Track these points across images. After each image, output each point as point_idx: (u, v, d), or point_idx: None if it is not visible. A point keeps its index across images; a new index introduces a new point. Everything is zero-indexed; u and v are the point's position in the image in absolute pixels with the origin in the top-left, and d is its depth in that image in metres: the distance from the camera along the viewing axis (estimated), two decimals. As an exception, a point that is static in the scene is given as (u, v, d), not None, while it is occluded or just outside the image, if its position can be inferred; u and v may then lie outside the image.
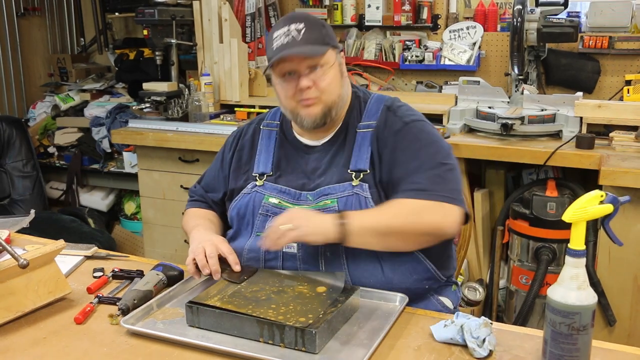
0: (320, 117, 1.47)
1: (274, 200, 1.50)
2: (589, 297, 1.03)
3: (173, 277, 1.44)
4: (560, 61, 3.11)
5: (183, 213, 1.71)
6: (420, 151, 1.44)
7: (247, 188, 1.55)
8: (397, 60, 3.41)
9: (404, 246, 1.40)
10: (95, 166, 3.86)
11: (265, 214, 1.50)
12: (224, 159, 1.66)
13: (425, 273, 1.46)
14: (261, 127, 1.62)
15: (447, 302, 1.54)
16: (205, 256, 1.39)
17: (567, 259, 1.04)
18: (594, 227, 2.43)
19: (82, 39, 4.57)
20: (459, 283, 1.68)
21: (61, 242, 1.39)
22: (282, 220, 1.33)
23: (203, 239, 1.45)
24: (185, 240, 1.98)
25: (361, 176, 1.45)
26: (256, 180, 1.54)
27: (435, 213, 1.37)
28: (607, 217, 1.08)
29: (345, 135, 1.52)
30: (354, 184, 1.45)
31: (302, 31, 1.42)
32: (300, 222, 1.32)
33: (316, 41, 1.42)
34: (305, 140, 1.55)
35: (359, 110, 1.54)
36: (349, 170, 1.47)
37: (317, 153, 1.53)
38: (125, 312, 1.27)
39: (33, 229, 1.85)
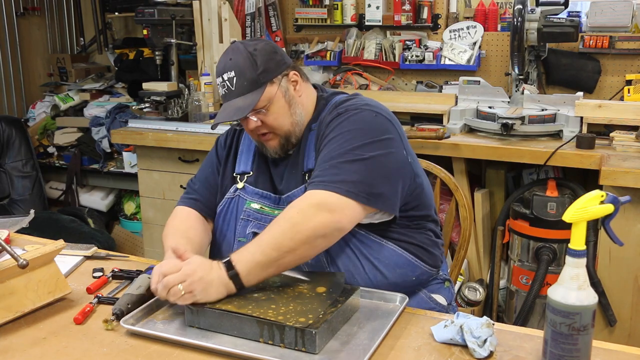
0: (280, 149, 1.49)
1: (255, 206, 1.50)
2: (590, 297, 1.02)
3: None
4: (561, 61, 3.11)
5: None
6: (333, 140, 1.40)
7: (230, 192, 1.55)
8: (397, 60, 3.40)
9: (303, 258, 1.32)
10: (95, 166, 3.86)
11: (246, 219, 1.50)
12: (218, 157, 1.64)
13: (408, 265, 1.46)
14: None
15: (439, 299, 1.54)
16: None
17: (568, 259, 1.04)
18: (594, 227, 2.43)
19: (81, 39, 4.57)
20: (452, 279, 1.67)
21: (61, 242, 1.38)
22: (178, 277, 1.23)
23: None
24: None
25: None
26: (237, 181, 1.54)
27: (314, 215, 1.28)
28: (607, 217, 1.08)
29: (303, 138, 1.51)
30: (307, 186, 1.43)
31: (234, 80, 1.42)
32: (194, 287, 1.23)
33: (250, 86, 1.42)
34: None
35: (319, 112, 1.53)
36: (303, 172, 1.47)
37: (283, 159, 1.53)
38: (119, 316, 1.26)
39: (32, 229, 1.85)
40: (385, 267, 1.43)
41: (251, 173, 1.54)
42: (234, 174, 1.57)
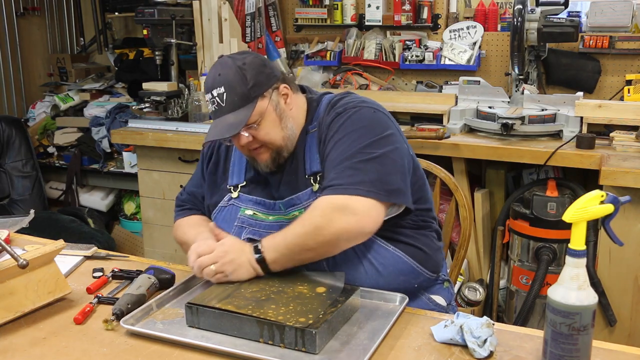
0: (271, 162, 1.47)
1: (249, 212, 1.50)
2: (590, 297, 1.03)
3: (165, 280, 1.43)
4: (561, 61, 3.11)
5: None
6: (340, 141, 1.40)
7: (224, 201, 1.55)
8: (397, 60, 3.40)
9: (326, 255, 1.37)
10: (95, 166, 3.85)
11: (240, 225, 1.50)
12: (203, 171, 1.64)
13: (412, 273, 1.46)
14: None
15: (439, 299, 1.54)
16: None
17: (568, 259, 1.04)
18: (594, 227, 2.42)
19: (81, 39, 4.57)
20: (452, 279, 1.68)
21: (61, 242, 1.38)
22: (211, 258, 1.35)
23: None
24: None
25: (319, 179, 1.43)
26: (231, 192, 1.54)
27: (338, 219, 1.30)
28: (607, 217, 1.08)
29: (299, 142, 1.50)
30: (314, 189, 1.43)
31: (224, 96, 1.40)
32: (225, 268, 1.34)
33: (240, 102, 1.40)
34: None
35: (312, 114, 1.52)
36: (306, 176, 1.46)
37: (279, 166, 1.52)
38: (119, 316, 1.26)
39: (32, 229, 1.85)
40: (388, 274, 1.43)
41: (244, 183, 1.54)
42: (228, 186, 1.55)
